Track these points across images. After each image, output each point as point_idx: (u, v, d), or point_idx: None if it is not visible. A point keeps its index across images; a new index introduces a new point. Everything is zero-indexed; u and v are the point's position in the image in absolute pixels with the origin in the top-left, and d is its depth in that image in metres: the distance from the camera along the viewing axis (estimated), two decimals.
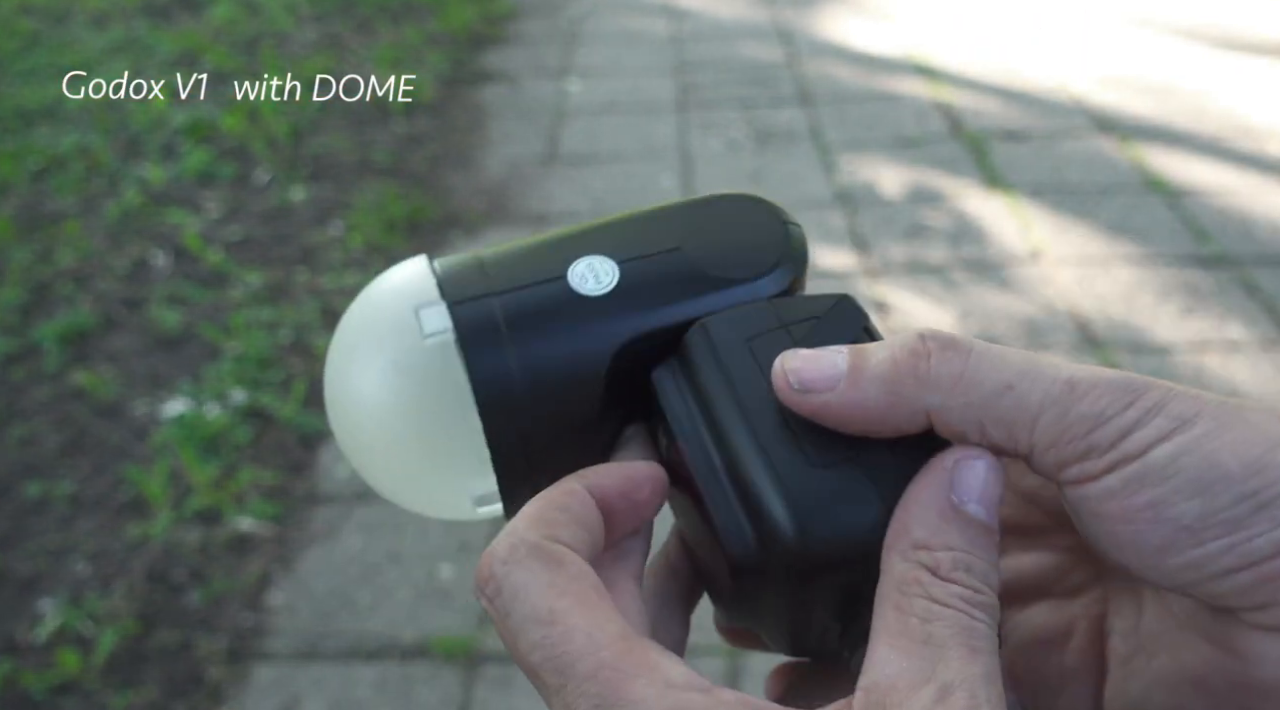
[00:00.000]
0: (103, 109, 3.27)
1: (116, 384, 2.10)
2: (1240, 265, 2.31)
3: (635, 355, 0.34)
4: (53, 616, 1.62)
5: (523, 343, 0.33)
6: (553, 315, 0.34)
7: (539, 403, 0.33)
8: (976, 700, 0.25)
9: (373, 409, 0.34)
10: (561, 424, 0.34)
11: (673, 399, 0.33)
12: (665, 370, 0.34)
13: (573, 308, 0.34)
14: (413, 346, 0.34)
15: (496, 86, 3.43)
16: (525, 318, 0.33)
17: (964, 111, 3.09)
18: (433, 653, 1.54)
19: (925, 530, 0.28)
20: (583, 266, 0.35)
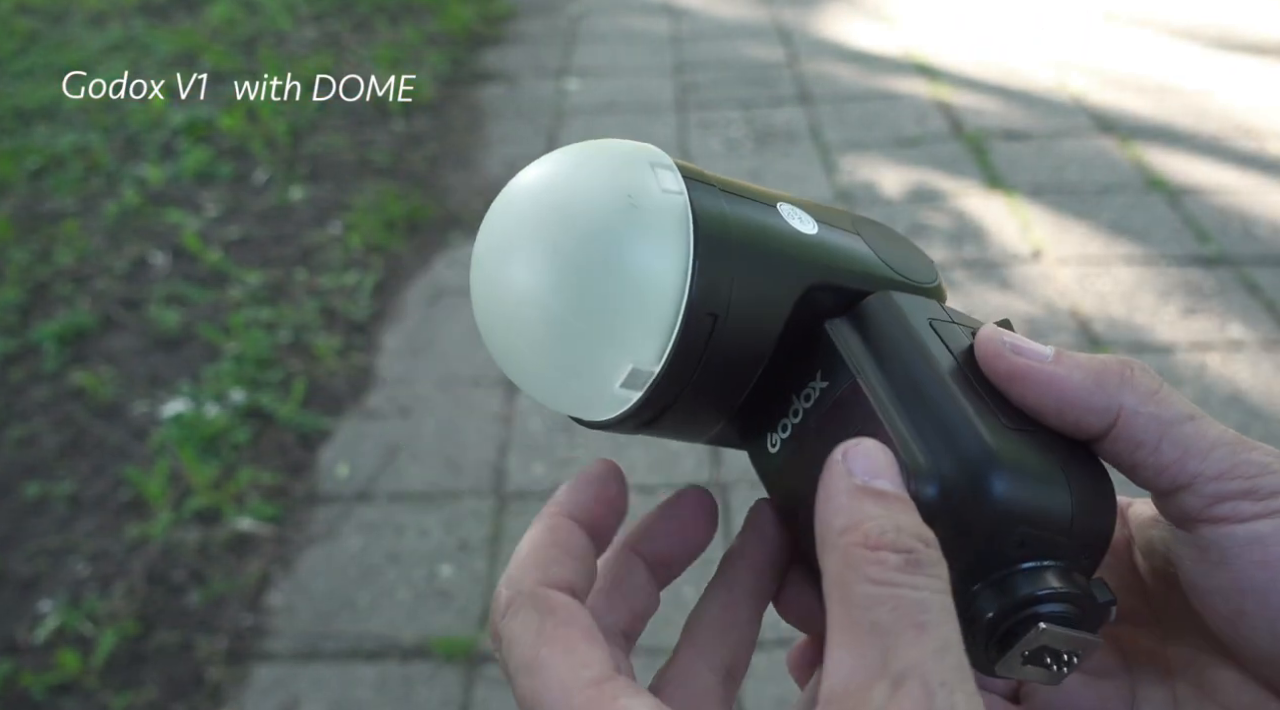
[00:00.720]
0: (101, 108, 3.27)
1: (116, 384, 2.09)
2: (1241, 265, 2.31)
3: (813, 302, 0.35)
4: (52, 617, 1.61)
5: (740, 237, 0.33)
6: (766, 229, 0.34)
7: (739, 302, 0.33)
8: (929, 686, 0.24)
9: (574, 256, 0.32)
10: (744, 329, 0.34)
11: (850, 345, 0.34)
12: (840, 323, 0.35)
13: (782, 232, 0.35)
14: (644, 197, 0.33)
15: (495, 86, 3.42)
16: (744, 220, 0.34)
17: (964, 111, 3.08)
18: (433, 653, 1.53)
19: (843, 516, 0.28)
20: (787, 208, 0.36)
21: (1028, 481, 0.31)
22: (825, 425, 0.34)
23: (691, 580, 1.45)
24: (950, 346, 0.34)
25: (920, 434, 0.31)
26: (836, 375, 0.34)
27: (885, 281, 0.36)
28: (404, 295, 2.36)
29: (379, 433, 1.96)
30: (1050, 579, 0.31)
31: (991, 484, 0.30)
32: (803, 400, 0.35)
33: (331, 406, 2.03)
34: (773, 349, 0.34)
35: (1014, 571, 0.31)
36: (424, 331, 2.23)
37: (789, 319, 0.34)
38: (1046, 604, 0.31)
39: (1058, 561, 0.31)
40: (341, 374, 2.11)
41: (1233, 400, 1.92)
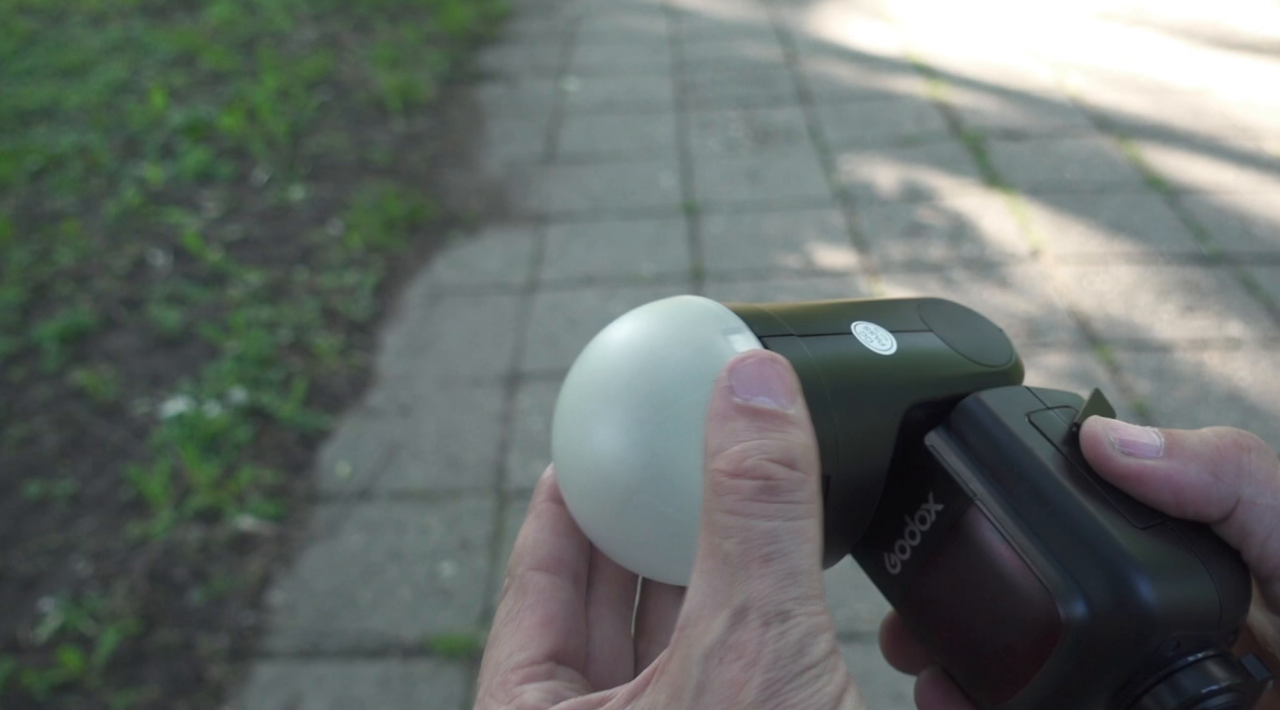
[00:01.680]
0: (101, 109, 3.27)
1: (116, 383, 2.10)
2: (1239, 263, 2.31)
3: (911, 422, 0.34)
4: (54, 616, 1.62)
5: (832, 385, 0.33)
6: (853, 366, 0.34)
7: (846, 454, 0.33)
8: (767, 618, 0.25)
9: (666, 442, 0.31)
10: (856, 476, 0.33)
11: (955, 464, 0.33)
12: (939, 436, 0.34)
13: (867, 361, 0.34)
14: None
15: (495, 86, 3.43)
16: (830, 364, 0.33)
17: (963, 110, 3.09)
18: (434, 651, 1.54)
19: (714, 438, 0.28)
20: (862, 328, 0.35)
21: (1173, 582, 0.30)
22: (947, 548, 0.33)
23: None
24: (1053, 441, 0.33)
25: (1053, 552, 0.30)
26: (949, 496, 0.33)
27: (971, 378, 0.36)
28: (404, 294, 2.37)
29: (379, 431, 1.96)
30: (1215, 671, 0.30)
31: (1139, 592, 0.29)
32: (918, 522, 0.34)
33: (332, 405, 2.03)
34: (884, 486, 0.34)
35: (1176, 669, 0.30)
36: (424, 331, 2.24)
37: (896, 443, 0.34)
38: (1218, 697, 0.30)
39: (1212, 649, 0.31)
40: (342, 373, 2.12)
41: (1231, 398, 1.92)
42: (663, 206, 2.66)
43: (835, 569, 0.37)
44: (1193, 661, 0.30)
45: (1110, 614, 0.29)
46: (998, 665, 0.32)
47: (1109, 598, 0.30)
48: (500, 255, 2.49)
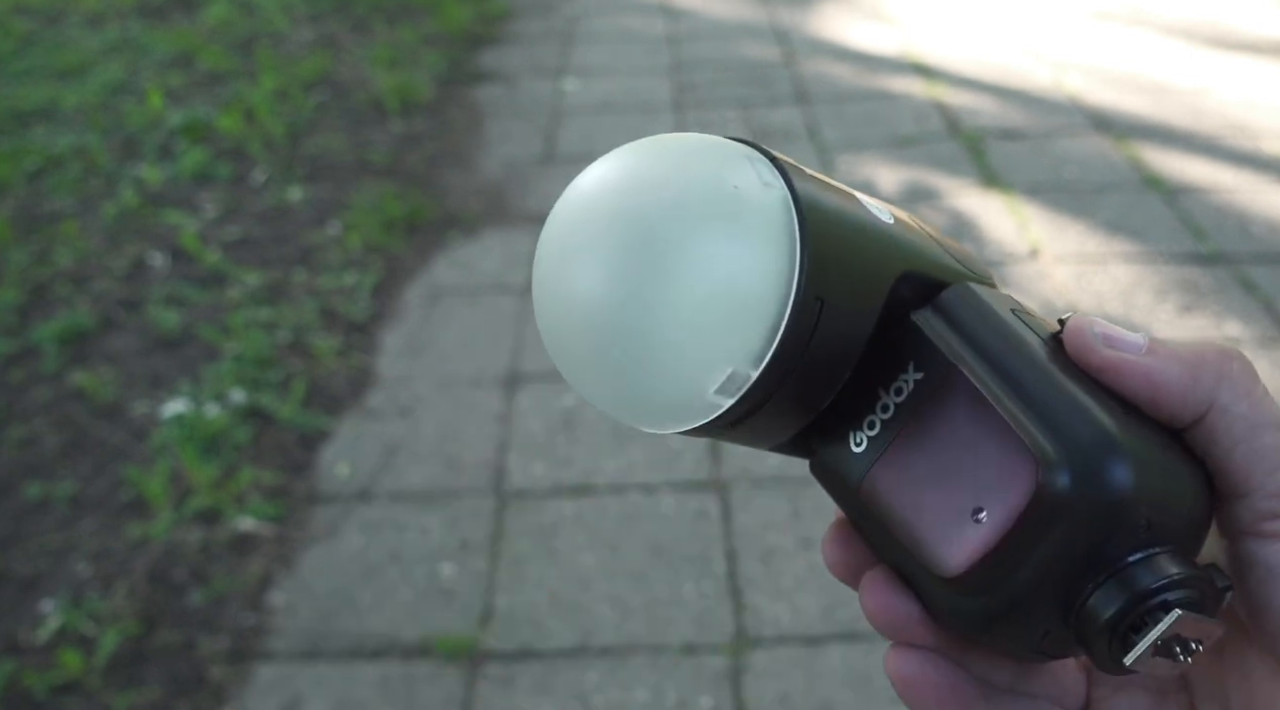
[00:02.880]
0: (99, 109, 3.27)
1: (116, 385, 2.10)
2: (1237, 263, 2.32)
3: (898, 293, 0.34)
4: (54, 617, 1.62)
5: (839, 224, 0.33)
6: (859, 218, 0.34)
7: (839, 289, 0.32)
8: None
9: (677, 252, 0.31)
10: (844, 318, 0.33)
11: (942, 335, 0.33)
12: (926, 314, 0.34)
13: (871, 221, 0.34)
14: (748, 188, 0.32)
15: (493, 86, 3.43)
16: (840, 208, 0.33)
17: (961, 110, 3.09)
18: (435, 652, 1.54)
19: None
20: (865, 199, 0.35)
21: (1150, 466, 0.30)
22: (925, 417, 0.33)
23: (691, 577, 1.46)
24: (1039, 335, 0.33)
25: (1039, 420, 0.30)
26: (932, 365, 0.33)
27: (958, 274, 0.36)
28: (403, 295, 2.37)
29: (379, 432, 1.96)
30: (1169, 565, 0.30)
31: (1120, 469, 0.29)
32: (893, 395, 0.34)
33: (331, 406, 2.03)
34: (867, 340, 0.34)
35: (1126, 565, 0.30)
36: (424, 331, 2.24)
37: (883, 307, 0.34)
38: (1174, 590, 0.30)
39: (1168, 547, 0.31)
40: (341, 374, 2.12)
41: None
42: None
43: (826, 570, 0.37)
44: (1144, 557, 0.30)
45: (1089, 488, 0.29)
46: (959, 533, 0.31)
47: (1091, 472, 0.29)
48: (499, 255, 2.49)
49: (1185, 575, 0.30)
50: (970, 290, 0.34)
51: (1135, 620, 0.30)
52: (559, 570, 1.66)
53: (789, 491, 1.78)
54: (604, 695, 1.47)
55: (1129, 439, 0.30)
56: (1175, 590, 0.30)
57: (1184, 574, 0.30)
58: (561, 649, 1.54)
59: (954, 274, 0.35)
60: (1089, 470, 0.29)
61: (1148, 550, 0.30)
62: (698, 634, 1.55)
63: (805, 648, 1.53)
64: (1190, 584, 0.30)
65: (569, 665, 1.52)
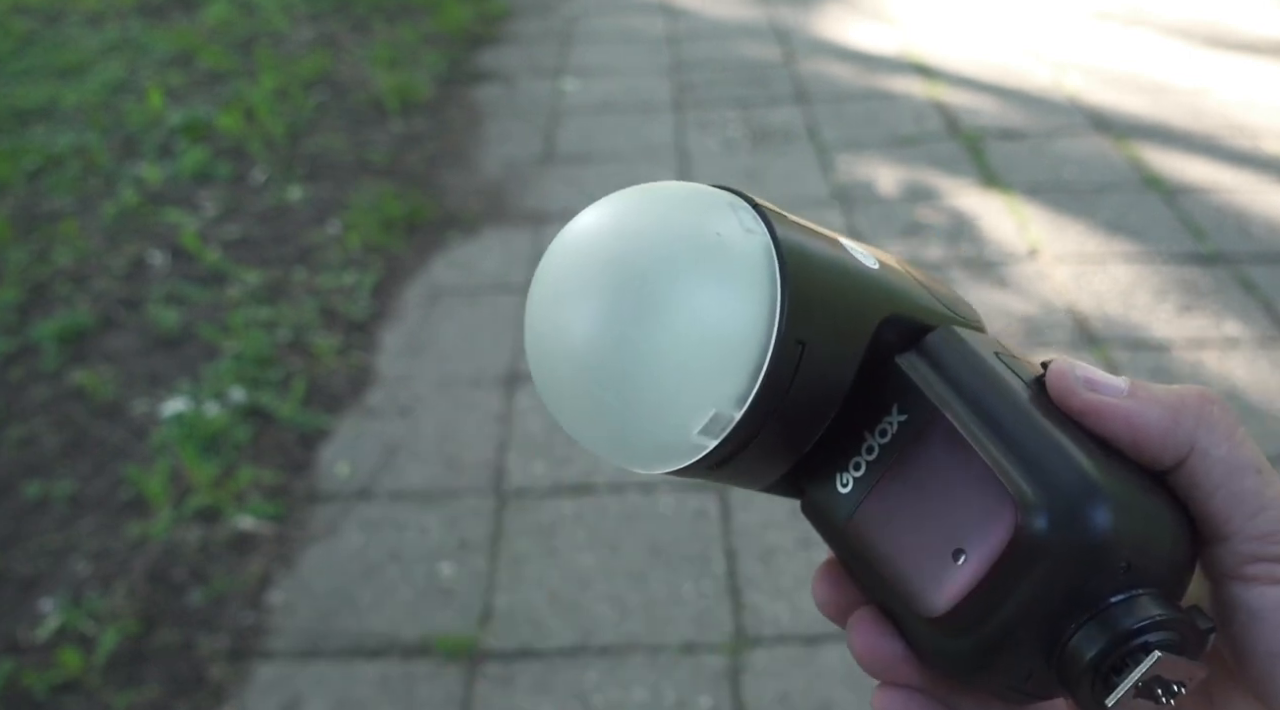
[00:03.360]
0: (99, 109, 3.27)
1: (115, 384, 2.10)
2: (1237, 262, 2.32)
3: (882, 338, 0.35)
4: (54, 616, 1.62)
5: (821, 268, 0.33)
6: (841, 262, 0.34)
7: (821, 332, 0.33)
8: None
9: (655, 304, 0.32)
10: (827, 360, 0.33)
11: (926, 378, 0.34)
12: (910, 357, 0.35)
13: (854, 265, 0.35)
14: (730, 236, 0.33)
15: (492, 86, 3.43)
16: (822, 252, 0.34)
17: (960, 110, 3.09)
18: (434, 651, 1.54)
19: None
20: (849, 244, 0.36)
21: (1130, 509, 0.31)
22: (909, 460, 0.33)
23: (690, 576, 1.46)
24: (1022, 378, 0.34)
25: (1020, 464, 0.31)
26: (915, 408, 0.34)
27: (943, 317, 0.36)
28: (403, 294, 2.37)
29: (379, 431, 1.96)
30: (1150, 607, 0.31)
31: (1098, 512, 0.30)
32: (877, 437, 0.34)
33: (331, 405, 2.04)
34: (850, 383, 0.34)
35: (1115, 602, 0.30)
36: (423, 331, 2.24)
37: (867, 349, 0.34)
38: (1155, 632, 0.30)
39: (1150, 589, 0.31)
40: (341, 373, 2.12)
41: (1229, 397, 1.93)
42: None
43: None
44: (1125, 599, 0.31)
45: (1068, 531, 0.30)
46: (941, 574, 0.32)
47: (1069, 515, 0.30)
48: (499, 255, 2.49)
49: (1166, 617, 0.30)
50: (954, 334, 0.35)
51: (1116, 661, 0.30)
52: (558, 570, 1.66)
53: None
54: (603, 694, 1.47)
55: (1109, 482, 0.31)
56: (1156, 631, 0.30)
57: (1165, 616, 0.30)
58: (561, 648, 1.54)
59: (939, 317, 0.36)
60: (1068, 513, 0.30)
61: (1129, 592, 0.31)
62: (697, 633, 1.55)
63: (804, 647, 1.53)
64: (1171, 626, 0.31)
65: (568, 664, 1.52)
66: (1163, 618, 0.30)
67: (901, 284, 0.36)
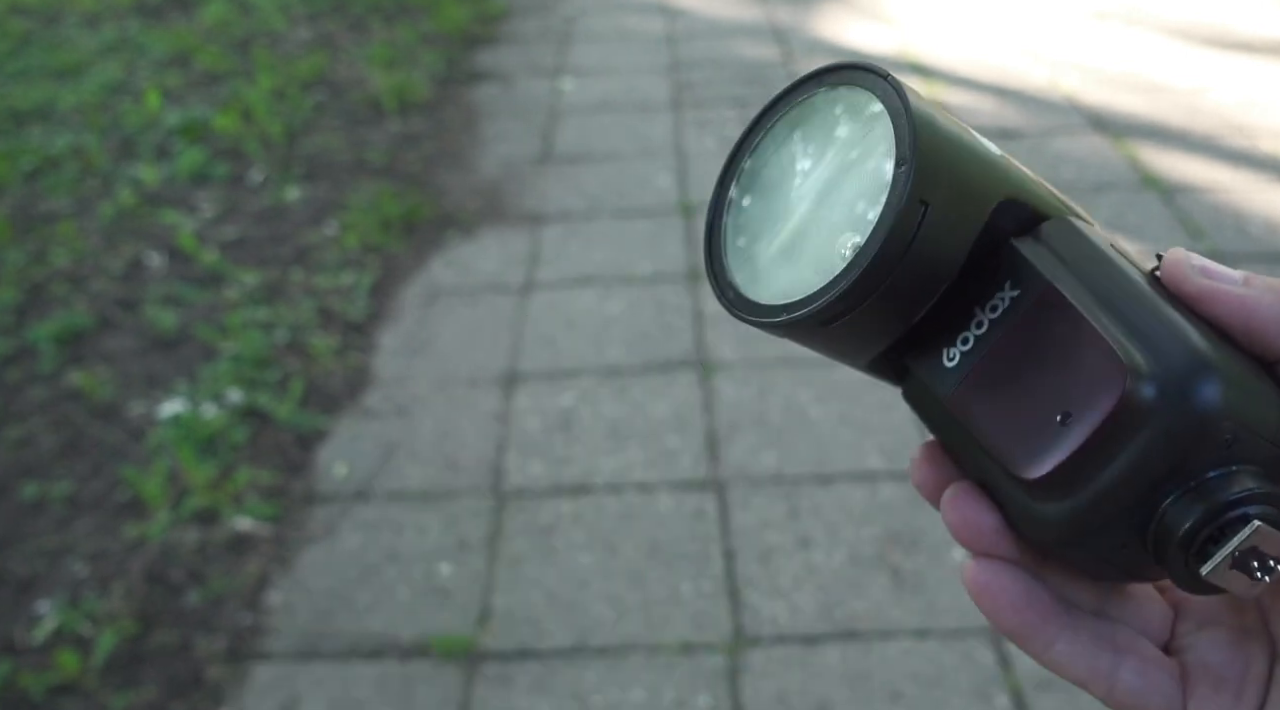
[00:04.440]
0: (96, 109, 3.26)
1: (112, 385, 2.09)
2: (1235, 262, 2.31)
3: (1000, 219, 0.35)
4: (51, 617, 1.61)
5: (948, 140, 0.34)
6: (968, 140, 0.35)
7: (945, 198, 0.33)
8: None
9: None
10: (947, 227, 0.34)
11: (1042, 257, 0.34)
12: (1026, 241, 0.35)
13: (979, 146, 0.36)
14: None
15: (490, 86, 3.43)
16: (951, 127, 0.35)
17: (958, 110, 3.09)
18: (432, 652, 1.54)
19: None
20: (976, 134, 0.37)
21: (1239, 386, 0.31)
22: (1019, 331, 0.34)
23: (689, 576, 1.46)
24: (1137, 266, 0.34)
25: (1132, 333, 0.31)
26: (1029, 283, 0.34)
27: (1060, 210, 0.37)
28: (401, 295, 2.37)
29: (377, 432, 1.96)
30: (1250, 481, 0.31)
31: (1207, 385, 0.30)
32: (988, 312, 0.35)
33: (329, 406, 2.03)
34: (966, 256, 0.34)
35: (1207, 478, 0.31)
36: (421, 331, 2.24)
37: (984, 227, 0.35)
38: (1255, 504, 0.31)
39: (1252, 466, 0.31)
40: (339, 374, 2.12)
41: None
42: (659, 206, 2.66)
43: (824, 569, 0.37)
44: (1224, 473, 0.31)
45: (1176, 400, 0.30)
46: (1045, 438, 0.32)
47: (1178, 385, 0.30)
48: (497, 255, 2.49)
49: (1267, 492, 0.31)
50: (1070, 224, 0.36)
51: (1214, 532, 0.31)
52: (557, 570, 1.66)
53: (786, 491, 1.78)
54: (602, 695, 1.47)
55: (1220, 358, 0.31)
56: (1256, 504, 0.31)
57: (1265, 490, 0.31)
58: (559, 648, 1.54)
59: (1056, 209, 0.36)
60: (1177, 382, 0.30)
61: (1230, 466, 0.31)
62: (695, 633, 1.55)
63: (803, 647, 1.53)
64: (1272, 501, 0.31)
65: (566, 665, 1.51)
66: (1263, 492, 0.31)
67: (1022, 174, 0.37)
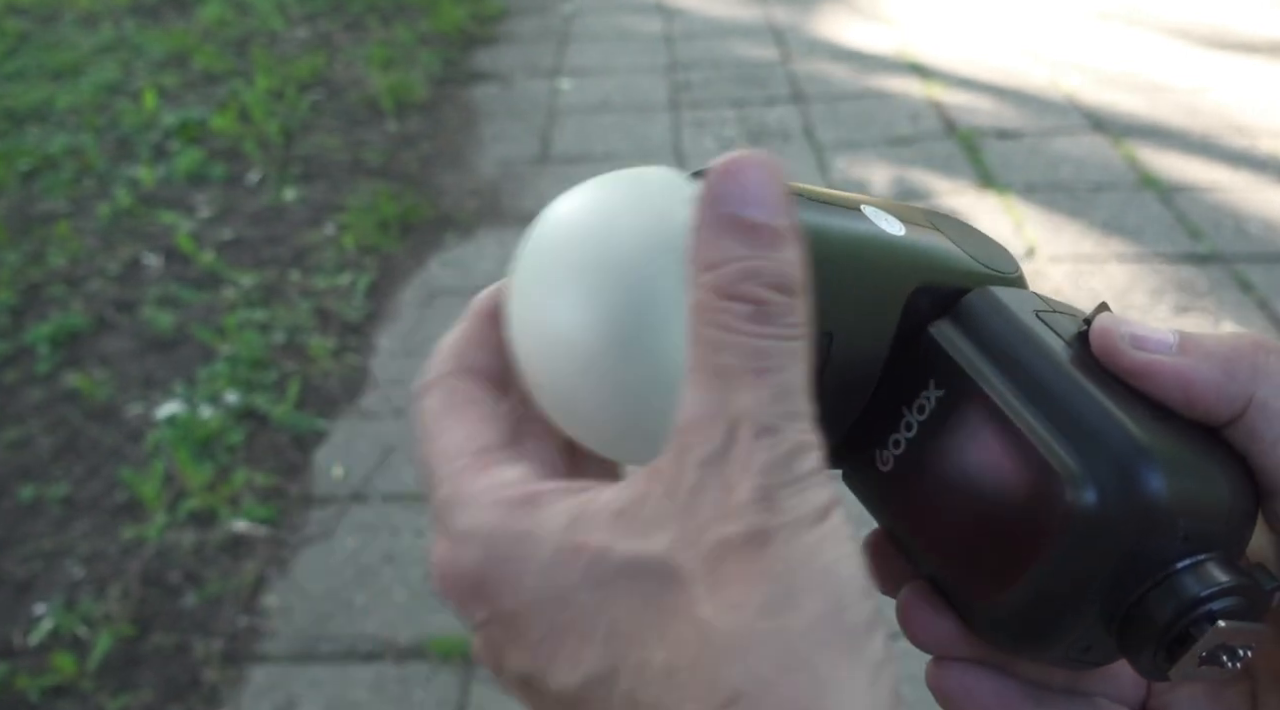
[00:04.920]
0: (93, 110, 3.26)
1: (109, 386, 2.09)
2: (1233, 262, 2.31)
3: (915, 308, 0.33)
4: (47, 619, 1.61)
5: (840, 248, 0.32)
6: (861, 236, 0.33)
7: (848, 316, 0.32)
8: (759, 432, 0.25)
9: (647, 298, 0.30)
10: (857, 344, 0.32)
11: (961, 348, 0.33)
12: (944, 326, 0.33)
13: (875, 236, 0.33)
14: None
15: (488, 86, 3.42)
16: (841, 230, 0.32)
17: (957, 110, 3.09)
18: (429, 654, 1.53)
19: (705, 251, 0.27)
20: (871, 210, 0.34)
21: (1183, 472, 0.29)
22: (946, 436, 0.32)
23: None
24: (1064, 337, 0.32)
25: (1063, 436, 0.30)
26: (952, 382, 0.32)
27: (978, 277, 0.35)
28: (398, 296, 2.36)
29: (374, 433, 1.96)
30: (1216, 573, 0.29)
31: (1150, 480, 0.29)
32: (915, 413, 0.33)
33: (326, 407, 2.03)
34: (884, 363, 0.33)
35: (1174, 571, 0.29)
36: (418, 332, 2.23)
37: (899, 326, 0.33)
38: (1219, 600, 0.29)
39: (1214, 552, 0.30)
40: (336, 375, 2.11)
41: None
42: None
43: None
44: (1192, 564, 0.29)
45: (1119, 502, 0.29)
46: (993, 558, 0.31)
47: (1119, 485, 0.29)
48: (494, 256, 2.48)
49: (1230, 583, 0.29)
50: (990, 295, 0.33)
51: (1180, 632, 0.29)
52: None
53: None
54: None
55: (1158, 444, 0.29)
56: (1220, 599, 0.29)
57: (1228, 582, 0.29)
58: None
59: (974, 277, 0.34)
60: (1117, 481, 0.29)
61: (1189, 559, 0.29)
62: None
63: None
64: (1235, 591, 0.29)
65: None
66: (1226, 584, 0.29)
67: (931, 246, 0.35)
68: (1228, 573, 0.29)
